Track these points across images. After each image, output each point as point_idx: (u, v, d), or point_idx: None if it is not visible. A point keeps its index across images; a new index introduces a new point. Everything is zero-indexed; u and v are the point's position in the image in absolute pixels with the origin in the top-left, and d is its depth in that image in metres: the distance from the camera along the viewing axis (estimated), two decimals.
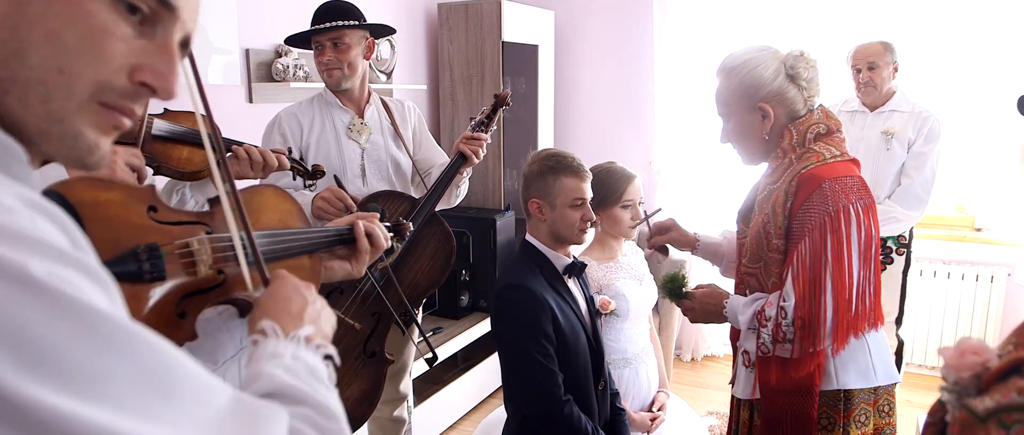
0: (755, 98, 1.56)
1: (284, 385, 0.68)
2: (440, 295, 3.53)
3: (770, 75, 1.55)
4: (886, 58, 2.93)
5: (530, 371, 1.75)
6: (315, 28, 2.18)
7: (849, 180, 1.52)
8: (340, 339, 1.96)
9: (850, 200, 1.48)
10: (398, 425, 2.60)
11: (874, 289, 1.55)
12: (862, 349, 1.60)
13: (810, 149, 1.56)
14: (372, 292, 2.02)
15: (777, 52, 1.59)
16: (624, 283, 2.20)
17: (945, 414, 0.72)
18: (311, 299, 0.86)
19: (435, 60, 4.07)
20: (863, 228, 1.49)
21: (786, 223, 1.53)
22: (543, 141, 4.20)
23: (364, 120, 2.33)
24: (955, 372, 0.66)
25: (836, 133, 1.59)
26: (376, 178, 2.32)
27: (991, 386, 0.62)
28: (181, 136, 1.62)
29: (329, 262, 1.14)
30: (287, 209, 1.09)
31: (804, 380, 1.54)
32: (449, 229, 2.14)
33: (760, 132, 1.59)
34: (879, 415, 1.63)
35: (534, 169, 1.85)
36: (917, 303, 3.66)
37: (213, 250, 0.88)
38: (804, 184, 1.51)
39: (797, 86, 1.56)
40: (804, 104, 1.58)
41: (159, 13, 0.59)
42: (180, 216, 0.92)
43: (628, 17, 4.21)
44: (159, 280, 0.82)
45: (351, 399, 2.00)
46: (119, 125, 0.59)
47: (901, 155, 2.96)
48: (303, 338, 0.77)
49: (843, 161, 1.57)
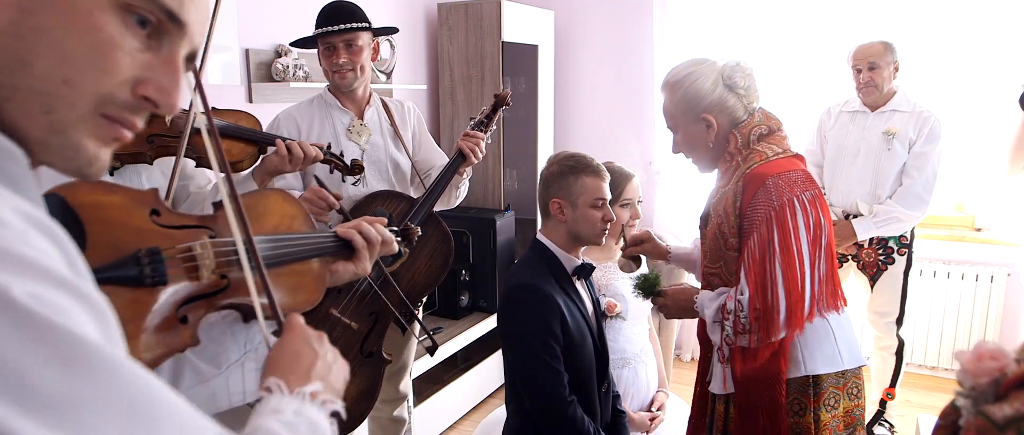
0: (698, 109, 1.66)
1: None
2: (440, 295, 3.53)
3: (709, 86, 1.65)
4: (887, 58, 2.93)
5: (536, 370, 1.75)
6: (330, 29, 2.16)
7: (793, 174, 1.59)
8: (337, 338, 1.99)
9: (794, 193, 1.55)
10: (398, 425, 2.60)
11: (828, 274, 1.62)
12: (827, 335, 1.67)
13: (754, 150, 1.63)
14: (369, 291, 2.02)
15: (715, 63, 1.68)
16: (623, 284, 2.21)
17: (958, 418, 0.71)
18: (322, 352, 0.84)
19: (435, 60, 4.06)
20: (810, 217, 1.56)
21: (738, 221, 1.61)
22: (543, 141, 4.19)
23: (364, 121, 2.32)
24: (972, 377, 0.66)
25: (777, 132, 1.67)
26: (375, 179, 2.31)
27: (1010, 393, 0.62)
28: (222, 129, 1.73)
29: (334, 264, 1.13)
30: (293, 213, 1.09)
31: (771, 368, 1.62)
32: (447, 229, 2.14)
33: (706, 141, 1.68)
34: (848, 398, 1.70)
35: (554, 170, 1.85)
36: (917, 303, 3.66)
37: (216, 254, 0.87)
38: (750, 183, 1.58)
39: (736, 94, 1.65)
40: (744, 110, 1.67)
41: (167, 27, 0.58)
42: (183, 220, 0.91)
43: (628, 17, 4.20)
44: (161, 284, 0.81)
45: (348, 398, 1.97)
46: (120, 137, 0.58)
47: (902, 155, 2.95)
48: (308, 393, 0.76)
49: (786, 157, 1.64)
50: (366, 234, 1.15)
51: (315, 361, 0.82)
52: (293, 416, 0.72)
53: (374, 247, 1.17)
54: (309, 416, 0.73)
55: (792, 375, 1.64)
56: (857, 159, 3.03)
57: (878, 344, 3.20)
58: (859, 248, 3.08)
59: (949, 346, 3.78)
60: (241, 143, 1.77)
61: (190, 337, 0.86)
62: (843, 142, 3.07)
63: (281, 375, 0.77)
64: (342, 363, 0.88)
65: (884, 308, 3.10)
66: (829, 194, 3.12)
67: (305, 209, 1.11)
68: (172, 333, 0.84)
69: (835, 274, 1.67)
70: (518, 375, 1.81)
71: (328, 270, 1.11)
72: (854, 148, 3.04)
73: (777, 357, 1.61)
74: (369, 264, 1.17)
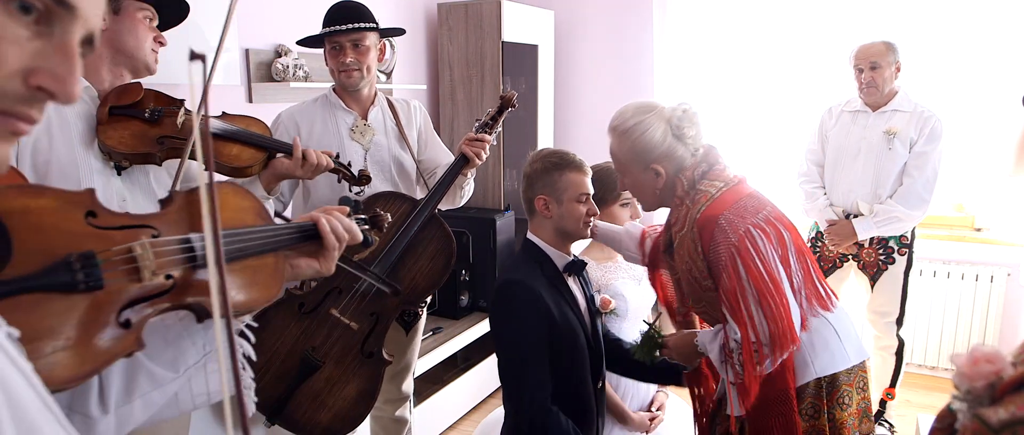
0: (647, 160, 1.67)
1: None
2: (440, 295, 3.53)
3: (659, 138, 1.65)
4: (888, 58, 2.93)
5: (520, 376, 1.76)
6: (338, 28, 2.17)
7: (740, 204, 1.61)
8: (337, 339, 1.98)
9: (747, 222, 1.57)
10: (400, 425, 2.60)
11: (806, 279, 1.64)
12: (831, 334, 1.68)
13: (699, 191, 1.64)
14: (370, 292, 2.02)
15: (662, 111, 1.67)
16: (623, 283, 2.21)
17: (954, 421, 0.71)
18: None
19: (435, 60, 4.06)
20: (772, 236, 1.58)
21: (705, 265, 1.61)
22: (543, 141, 4.19)
23: (368, 121, 2.32)
24: (968, 381, 0.66)
25: (716, 165, 1.68)
26: (379, 179, 2.31)
27: (1006, 397, 0.62)
28: (232, 134, 1.75)
29: (295, 260, 1.08)
30: (246, 207, 1.04)
31: (779, 384, 1.62)
32: (449, 230, 2.14)
33: (653, 187, 1.71)
34: (857, 392, 1.73)
35: (537, 167, 1.86)
36: (917, 303, 3.66)
37: (157, 254, 0.83)
38: (704, 227, 1.59)
39: (684, 143, 1.66)
40: (691, 156, 1.68)
41: (56, 12, 0.54)
42: (123, 220, 0.86)
43: (628, 17, 4.20)
44: (97, 289, 0.77)
45: (348, 399, 2.00)
46: (17, 131, 0.55)
47: (903, 155, 2.95)
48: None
49: (730, 188, 1.65)
50: (335, 231, 1.10)
51: None
52: None
53: (342, 243, 1.11)
54: None
55: (803, 380, 1.65)
56: (858, 159, 3.03)
57: (878, 344, 3.20)
58: (859, 248, 3.08)
59: (949, 346, 3.78)
60: (251, 149, 1.77)
61: (134, 342, 0.82)
62: (844, 142, 3.07)
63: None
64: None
65: (884, 308, 3.11)
66: (830, 194, 3.13)
67: (258, 203, 1.06)
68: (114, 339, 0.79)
69: (817, 275, 1.69)
70: (505, 375, 1.81)
71: (288, 265, 1.06)
72: (855, 148, 3.04)
73: (783, 373, 1.61)
74: (334, 263, 1.12)
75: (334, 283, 2.05)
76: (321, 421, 1.99)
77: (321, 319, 2.01)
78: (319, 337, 2.00)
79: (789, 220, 1.70)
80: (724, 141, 4.01)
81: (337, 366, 2.00)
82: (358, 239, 1.15)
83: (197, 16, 2.51)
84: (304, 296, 2.03)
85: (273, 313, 2.00)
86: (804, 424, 1.65)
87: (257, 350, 1.94)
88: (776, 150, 3.95)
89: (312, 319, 2.01)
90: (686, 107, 1.68)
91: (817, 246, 3.20)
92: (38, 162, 1.54)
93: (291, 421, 1.99)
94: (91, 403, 0.89)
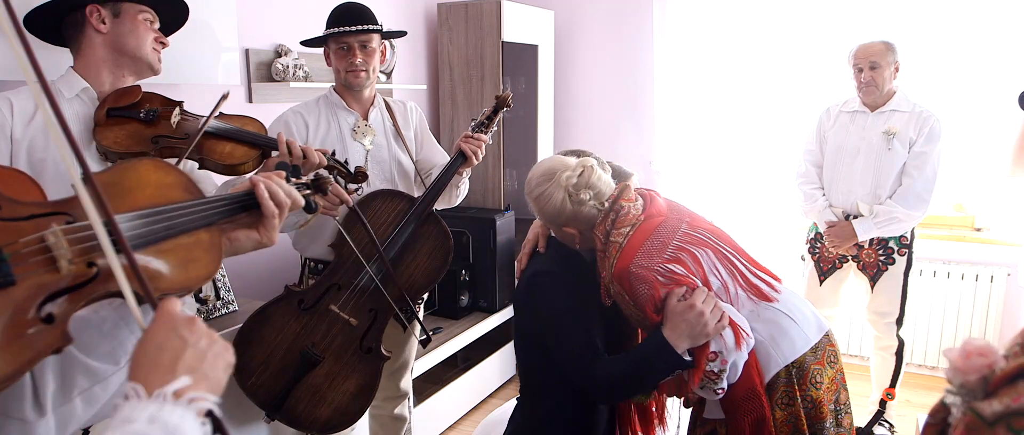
0: (558, 223, 1.74)
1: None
2: (440, 295, 3.53)
3: (559, 205, 1.69)
4: (888, 58, 2.93)
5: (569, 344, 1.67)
6: (347, 29, 2.18)
7: (646, 247, 1.63)
8: (337, 335, 1.99)
9: (655, 264, 1.60)
10: (399, 423, 2.61)
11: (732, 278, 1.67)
12: (785, 320, 1.69)
13: (611, 242, 1.67)
14: (369, 287, 2.04)
15: (560, 176, 1.70)
16: None
17: (947, 415, 0.72)
18: (192, 339, 0.74)
19: (435, 60, 4.07)
20: (689, 259, 1.62)
21: (642, 312, 1.64)
22: (543, 141, 4.19)
23: (368, 122, 2.34)
24: (961, 375, 0.66)
25: (622, 210, 1.69)
26: (379, 178, 2.33)
27: (999, 389, 0.62)
28: (226, 132, 1.75)
29: (232, 233, 1.03)
30: (170, 182, 0.98)
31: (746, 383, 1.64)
32: (446, 228, 2.15)
33: (574, 242, 1.78)
34: (829, 366, 1.73)
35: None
36: (917, 303, 3.66)
37: (71, 242, 0.78)
38: (622, 281, 1.63)
39: (586, 206, 1.70)
40: (598, 210, 1.71)
41: None
42: (32, 209, 0.81)
43: (628, 17, 4.20)
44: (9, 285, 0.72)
45: (347, 394, 2.02)
46: None
47: (902, 155, 2.95)
48: (170, 394, 0.67)
49: (637, 230, 1.66)
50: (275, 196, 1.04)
51: (182, 351, 0.72)
52: (146, 424, 0.64)
53: (283, 210, 1.06)
54: (167, 421, 0.65)
55: (771, 372, 1.66)
56: (857, 159, 3.03)
57: (878, 344, 3.20)
58: (859, 249, 3.08)
59: (949, 346, 3.78)
60: (244, 147, 1.77)
61: (59, 337, 0.77)
62: (843, 142, 3.07)
63: (142, 377, 0.68)
64: (221, 346, 0.78)
65: (884, 308, 3.10)
66: (829, 194, 3.12)
67: (185, 177, 1.00)
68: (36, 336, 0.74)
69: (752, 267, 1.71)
70: (560, 357, 1.71)
71: (226, 239, 1.01)
72: (854, 148, 3.04)
73: (748, 372, 1.63)
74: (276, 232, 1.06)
75: (334, 279, 2.06)
76: (320, 416, 2.00)
77: (321, 315, 2.02)
78: (318, 333, 2.01)
79: (705, 223, 1.72)
80: (723, 141, 4.03)
81: (336, 361, 2.01)
82: (300, 204, 1.10)
83: (197, 16, 2.52)
84: (304, 292, 2.05)
85: (273, 309, 2.02)
86: (781, 414, 1.66)
87: (257, 346, 1.97)
88: (775, 150, 3.95)
89: (312, 315, 2.02)
90: (583, 166, 1.70)
91: (817, 247, 3.20)
92: (34, 160, 1.55)
93: (291, 416, 2.00)
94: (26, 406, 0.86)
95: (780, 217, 3.96)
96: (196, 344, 0.74)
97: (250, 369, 1.97)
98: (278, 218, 1.06)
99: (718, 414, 1.72)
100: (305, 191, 1.18)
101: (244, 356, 1.96)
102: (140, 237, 0.85)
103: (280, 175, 1.10)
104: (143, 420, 0.64)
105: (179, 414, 0.66)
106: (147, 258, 0.87)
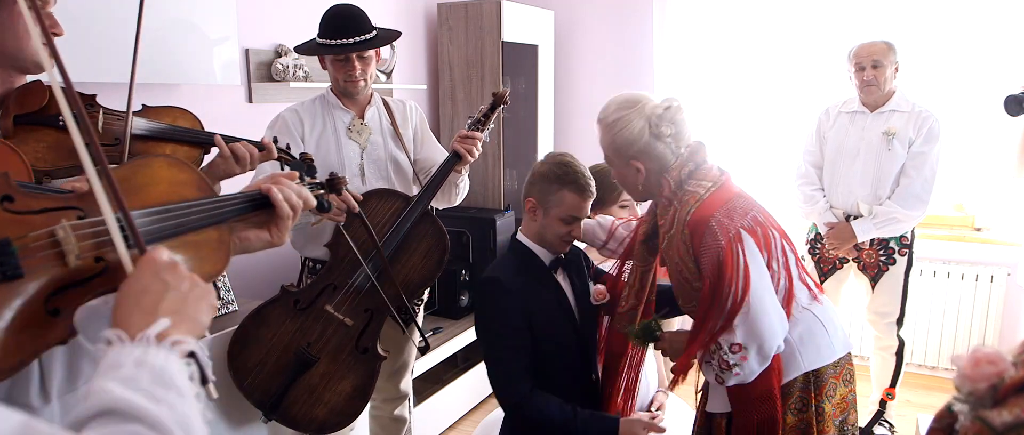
0: (627, 155, 1.68)
1: (115, 401, 0.60)
2: (440, 295, 3.53)
3: (636, 134, 1.65)
4: (890, 57, 2.93)
5: (498, 365, 1.79)
6: (345, 42, 2.16)
7: (730, 204, 1.61)
8: (333, 335, 1.99)
9: (735, 225, 1.57)
10: (399, 424, 2.60)
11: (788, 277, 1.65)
12: (818, 328, 1.69)
13: (687, 191, 1.64)
14: (365, 287, 2.04)
15: (644, 107, 1.67)
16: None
17: (953, 422, 0.71)
18: (174, 283, 0.74)
19: (435, 60, 4.06)
20: (760, 237, 1.59)
21: (696, 266, 1.61)
22: (543, 141, 4.19)
23: (364, 120, 2.34)
24: (970, 382, 0.65)
25: (703, 164, 1.67)
26: (375, 177, 2.33)
27: (1009, 398, 0.61)
28: (161, 133, 1.57)
29: (243, 232, 1.02)
30: (183, 180, 0.98)
31: (763, 384, 1.63)
32: (442, 227, 2.15)
33: (636, 183, 1.71)
34: (844, 384, 1.73)
35: (543, 169, 1.86)
36: (917, 303, 3.66)
37: (80, 237, 0.78)
38: (695, 229, 1.59)
39: (663, 142, 1.65)
40: (673, 154, 1.67)
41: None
42: (45, 202, 0.82)
43: (628, 17, 4.20)
44: (17, 278, 0.73)
45: (343, 394, 2.02)
46: None
47: (902, 155, 2.95)
48: (153, 336, 0.67)
49: (718, 188, 1.64)
50: (289, 199, 1.03)
51: (164, 294, 0.72)
52: (133, 368, 0.64)
53: (296, 211, 1.05)
54: (153, 363, 0.65)
55: (791, 376, 1.66)
56: (857, 159, 3.02)
57: (878, 344, 3.20)
58: (859, 250, 3.08)
59: (949, 346, 3.78)
60: (185, 147, 1.60)
61: (63, 330, 0.78)
62: (843, 142, 3.07)
63: (123, 321, 0.69)
64: (203, 289, 0.77)
65: (884, 308, 3.10)
66: (829, 195, 3.12)
67: (197, 175, 1.00)
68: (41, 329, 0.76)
69: (801, 269, 1.70)
70: (487, 366, 1.85)
71: (235, 238, 1.01)
72: (854, 148, 3.04)
73: (768, 373, 1.62)
74: (287, 233, 1.06)
75: (330, 279, 2.06)
76: (317, 416, 2.00)
77: (316, 315, 2.02)
78: (314, 333, 2.01)
79: (774, 219, 1.71)
80: (723, 141, 4.02)
81: (332, 362, 2.01)
82: (312, 205, 1.10)
83: (197, 16, 2.52)
84: (300, 292, 2.05)
85: (269, 310, 2.02)
86: (792, 418, 1.66)
87: (254, 346, 1.97)
88: (774, 151, 3.94)
89: (307, 315, 2.02)
90: (670, 103, 1.67)
91: (817, 248, 3.19)
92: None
93: (287, 416, 2.00)
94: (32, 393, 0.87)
95: (780, 218, 3.95)
96: (178, 286, 0.74)
97: (246, 369, 1.96)
98: (291, 220, 1.05)
99: (723, 409, 1.72)
100: (318, 191, 1.18)
101: (240, 356, 1.96)
102: (150, 233, 0.85)
103: (293, 176, 1.09)
104: (130, 364, 0.64)
105: (163, 356, 0.66)
106: None
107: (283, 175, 1.08)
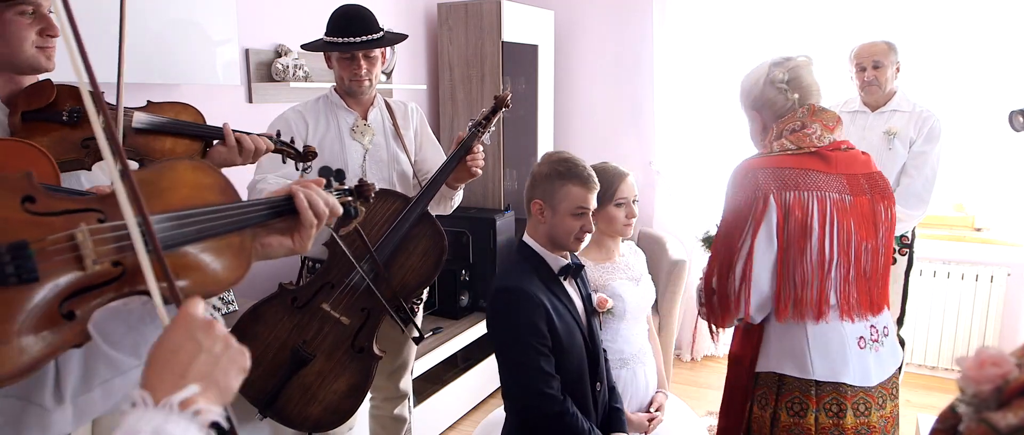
0: (747, 103, 1.77)
1: None
2: (440, 295, 3.53)
3: (754, 82, 1.74)
4: (891, 57, 2.94)
5: (526, 372, 1.75)
6: (353, 41, 2.17)
7: (785, 172, 1.59)
8: (328, 334, 1.99)
9: (770, 189, 1.58)
10: (399, 423, 2.60)
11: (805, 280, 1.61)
12: (800, 339, 1.65)
13: (779, 142, 1.67)
14: (361, 286, 2.04)
15: (775, 58, 1.75)
16: (621, 283, 2.20)
17: (957, 423, 0.71)
18: (207, 344, 0.73)
19: (435, 60, 4.06)
20: (787, 214, 1.57)
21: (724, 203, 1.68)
22: (543, 141, 4.19)
23: (367, 121, 2.34)
24: (974, 384, 0.65)
25: (806, 128, 1.67)
26: (377, 178, 2.33)
27: (1013, 400, 0.61)
28: (162, 127, 1.60)
29: (266, 238, 1.00)
30: (207, 184, 0.96)
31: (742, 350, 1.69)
32: (440, 228, 2.16)
33: (755, 132, 1.80)
34: (825, 413, 1.64)
35: (544, 170, 1.85)
36: (917, 303, 3.66)
37: (99, 241, 0.77)
38: (737, 171, 1.67)
39: (776, 88, 1.70)
40: (786, 102, 1.70)
41: None
42: (66, 204, 0.80)
43: (628, 17, 4.20)
44: (32, 281, 0.72)
45: (338, 393, 2.02)
46: None
47: (903, 155, 2.95)
48: (177, 404, 0.66)
49: (796, 154, 1.63)
50: (314, 206, 1.01)
51: (196, 356, 0.71)
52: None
53: (321, 219, 1.03)
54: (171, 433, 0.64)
55: (761, 368, 1.68)
56: None
57: None
58: None
59: (949, 346, 3.78)
60: (185, 140, 1.63)
61: (78, 334, 0.77)
62: None
63: (152, 381, 0.68)
64: (236, 351, 0.76)
65: None
66: None
67: (222, 179, 0.98)
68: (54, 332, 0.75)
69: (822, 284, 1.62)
70: (509, 377, 1.81)
71: (257, 245, 0.99)
72: None
73: (746, 343, 1.65)
74: (310, 242, 1.04)
75: (327, 278, 2.06)
76: (311, 414, 2.01)
77: (313, 313, 2.02)
78: (310, 331, 2.01)
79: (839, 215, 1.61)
80: (723, 141, 4.02)
81: (328, 360, 2.01)
82: (338, 213, 1.07)
83: (197, 16, 2.51)
84: (297, 290, 2.05)
85: (266, 307, 2.02)
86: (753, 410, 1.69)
87: (250, 343, 1.95)
88: None
89: (304, 313, 2.02)
90: (792, 55, 1.74)
91: None
92: None
93: (282, 414, 2.00)
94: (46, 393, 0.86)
95: None
96: (210, 349, 0.73)
97: None
98: (316, 228, 1.03)
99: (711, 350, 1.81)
100: (346, 197, 1.16)
101: None
102: (171, 238, 0.84)
103: (320, 182, 1.07)
104: (147, 432, 0.63)
105: (183, 427, 0.66)
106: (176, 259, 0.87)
107: (312, 181, 1.06)
